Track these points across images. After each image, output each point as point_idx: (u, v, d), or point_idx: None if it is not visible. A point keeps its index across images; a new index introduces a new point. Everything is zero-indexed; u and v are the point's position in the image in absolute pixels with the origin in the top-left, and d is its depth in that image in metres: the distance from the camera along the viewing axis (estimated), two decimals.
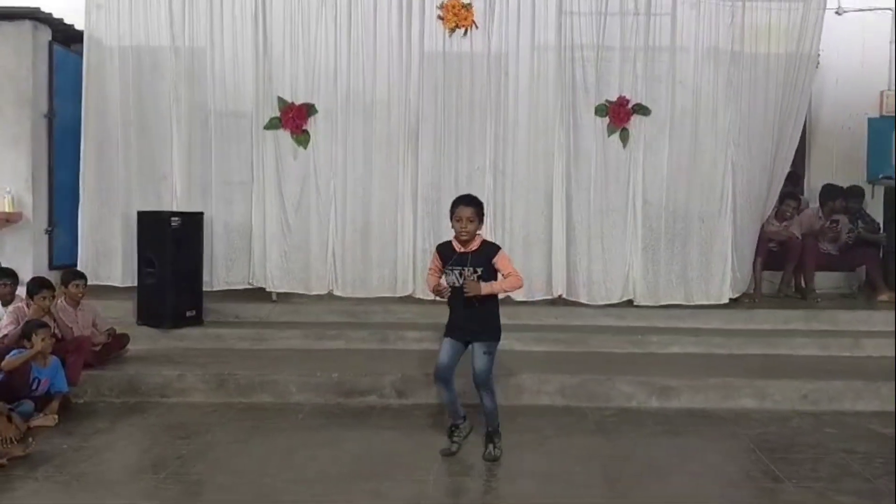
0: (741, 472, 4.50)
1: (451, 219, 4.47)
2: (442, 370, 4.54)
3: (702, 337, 6.77)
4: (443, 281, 4.53)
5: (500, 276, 4.50)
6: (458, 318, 4.54)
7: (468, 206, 4.41)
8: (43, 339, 5.28)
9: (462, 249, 4.46)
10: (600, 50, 7.21)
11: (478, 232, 4.48)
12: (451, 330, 4.58)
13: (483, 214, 4.50)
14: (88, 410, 5.49)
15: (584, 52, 7.22)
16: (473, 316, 4.48)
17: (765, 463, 4.54)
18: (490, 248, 4.51)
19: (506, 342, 6.49)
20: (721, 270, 7.24)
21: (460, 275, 4.42)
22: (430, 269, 4.69)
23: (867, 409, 5.56)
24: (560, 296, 7.29)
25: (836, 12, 8.47)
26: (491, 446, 4.55)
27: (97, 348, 6.01)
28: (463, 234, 4.40)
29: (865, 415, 5.47)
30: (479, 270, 4.42)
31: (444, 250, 4.54)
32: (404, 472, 4.34)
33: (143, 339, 6.59)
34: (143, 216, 6.98)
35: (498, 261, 4.46)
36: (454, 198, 4.58)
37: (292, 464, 4.45)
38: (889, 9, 8.49)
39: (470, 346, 4.54)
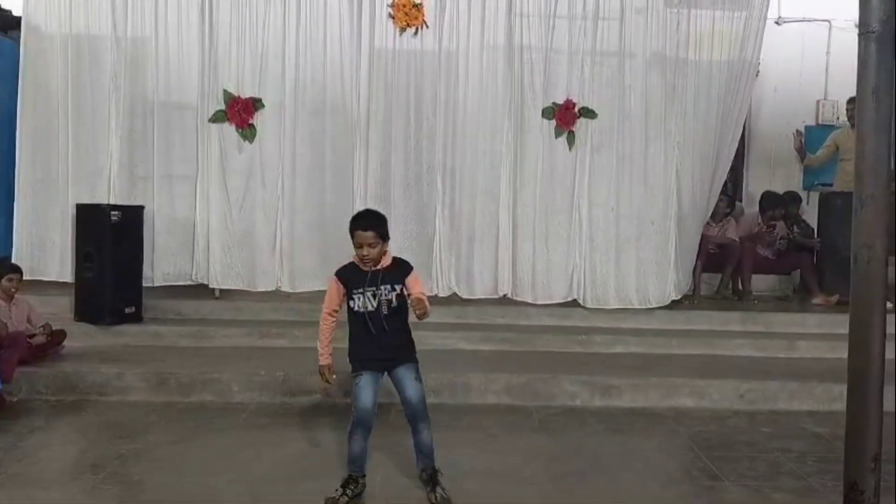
0: (681, 470, 4.60)
1: (353, 243, 3.92)
2: (367, 415, 3.87)
3: (643, 337, 6.90)
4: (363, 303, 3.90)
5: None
6: (369, 347, 3.91)
7: (367, 231, 3.85)
8: None
9: (373, 268, 3.91)
10: (548, 52, 7.27)
11: (385, 249, 3.96)
12: (364, 362, 3.92)
13: (386, 231, 3.94)
14: (23, 409, 5.32)
15: (533, 54, 7.27)
16: (389, 341, 3.92)
17: (703, 461, 4.65)
18: (404, 266, 3.98)
19: (452, 341, 6.64)
20: (665, 272, 7.36)
21: (373, 296, 3.88)
22: (326, 308, 3.99)
23: (801, 408, 5.73)
24: (505, 295, 7.34)
25: (776, 22, 8.73)
26: (439, 489, 3.93)
27: (32, 345, 5.82)
28: (367, 261, 3.88)
29: (799, 414, 5.63)
30: (398, 288, 3.91)
31: (350, 274, 3.95)
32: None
33: (81, 336, 6.42)
34: (81, 209, 6.82)
35: (410, 281, 3.92)
36: (355, 214, 4.11)
37: (235, 464, 4.39)
38: (826, 20, 8.76)
39: (388, 376, 3.99)
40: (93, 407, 5.41)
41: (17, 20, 7.23)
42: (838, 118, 8.82)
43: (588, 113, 7.28)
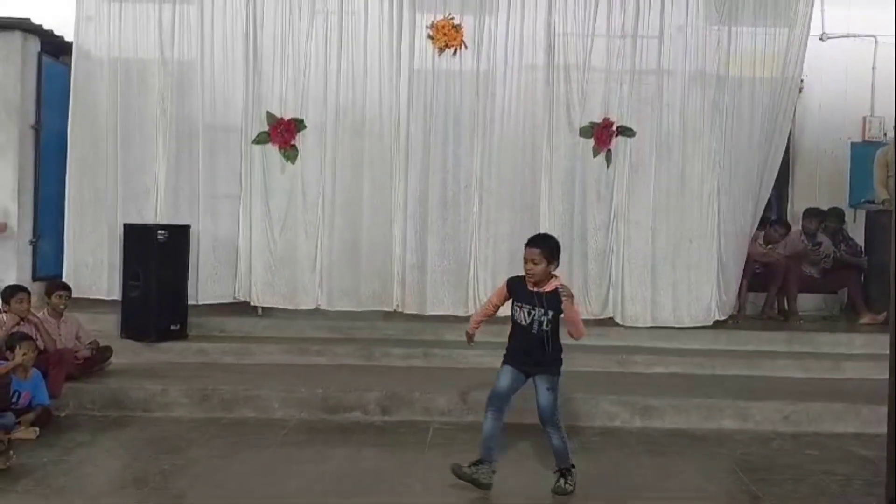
0: (722, 493, 4.54)
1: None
2: (497, 396, 4.31)
3: (685, 357, 6.81)
4: (518, 316, 4.33)
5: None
6: (521, 347, 4.34)
7: (533, 248, 4.26)
8: (24, 353, 5.25)
9: (535, 289, 4.28)
10: (587, 71, 7.29)
11: (555, 273, 4.30)
12: (512, 358, 4.38)
13: (555, 255, 4.28)
14: (70, 423, 5.44)
15: (571, 73, 7.31)
16: (536, 353, 4.30)
17: (746, 483, 4.57)
18: (558, 297, 4.23)
19: (489, 360, 6.55)
20: (708, 292, 7.29)
21: (528, 314, 4.27)
22: (489, 299, 4.57)
23: (847, 430, 5.60)
24: None
25: (820, 38, 8.60)
26: (562, 480, 4.27)
27: (80, 361, 5.97)
28: (529, 276, 4.26)
29: (845, 436, 5.51)
30: (551, 314, 4.25)
31: (515, 285, 4.38)
32: (387, 490, 4.34)
33: (127, 353, 6.56)
34: (129, 229, 6.98)
35: (566, 308, 4.25)
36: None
37: (275, 480, 4.43)
38: (871, 35, 8.62)
39: (531, 380, 4.33)
40: (137, 422, 5.51)
41: (69, 46, 7.46)
42: (885, 134, 8.64)
43: (626, 131, 7.27)
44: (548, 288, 4.25)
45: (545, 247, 4.27)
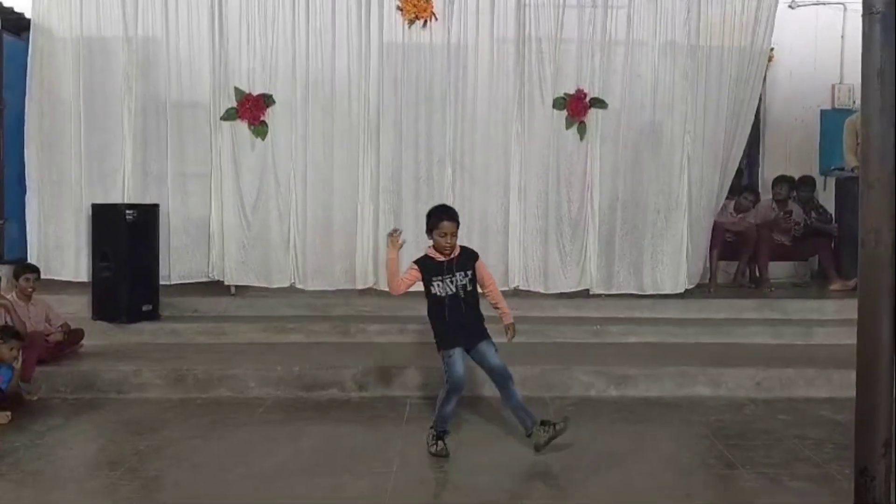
0: (697, 459, 4.59)
1: (432, 232, 4.48)
2: (463, 382, 4.49)
3: (658, 326, 6.87)
4: (435, 289, 4.52)
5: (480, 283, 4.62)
6: (457, 326, 4.51)
7: (453, 222, 4.49)
8: (11, 349, 5.21)
9: (445, 259, 4.50)
10: (558, 42, 7.25)
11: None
12: (455, 340, 4.50)
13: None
14: (42, 407, 5.37)
15: (543, 45, 7.24)
16: (472, 321, 4.53)
17: (719, 449, 4.63)
18: (469, 254, 4.60)
19: None
20: (677, 261, 7.33)
21: (451, 282, 4.47)
22: (402, 278, 4.58)
23: (818, 395, 5.67)
24: (517, 287, 7.33)
25: (790, 6, 8.63)
26: (542, 430, 4.43)
27: (51, 344, 5.89)
28: (447, 249, 4.47)
29: (817, 401, 5.58)
30: (469, 274, 4.51)
31: (427, 264, 4.55)
32: (365, 466, 4.34)
33: (98, 335, 6.48)
34: (97, 209, 6.88)
35: (479, 267, 4.60)
36: (433, 208, 4.64)
37: (252, 459, 4.42)
38: (841, 3, 8.65)
39: (473, 351, 4.52)
40: (111, 404, 5.46)
41: (30, 22, 7.28)
42: (854, 102, 8.70)
43: (599, 103, 7.25)
44: (456, 253, 4.52)
45: (458, 219, 4.53)
